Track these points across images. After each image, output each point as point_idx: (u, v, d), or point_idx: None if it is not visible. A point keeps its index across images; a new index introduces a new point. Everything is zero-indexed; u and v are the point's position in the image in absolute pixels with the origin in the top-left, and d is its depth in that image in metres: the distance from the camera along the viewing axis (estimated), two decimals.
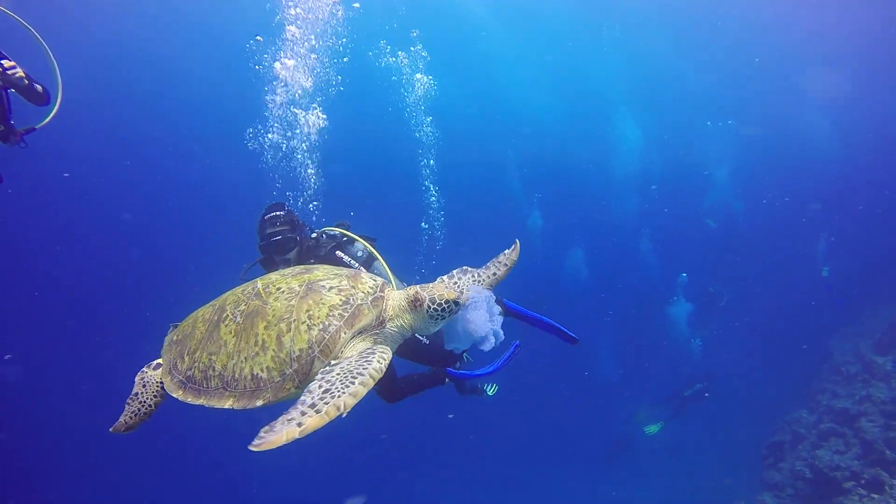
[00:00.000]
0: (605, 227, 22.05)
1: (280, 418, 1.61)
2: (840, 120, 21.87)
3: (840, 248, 18.28)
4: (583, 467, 15.33)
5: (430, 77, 12.35)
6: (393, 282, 3.35)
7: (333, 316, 1.99)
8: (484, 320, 2.22)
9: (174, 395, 2.12)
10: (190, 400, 2.05)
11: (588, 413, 17.17)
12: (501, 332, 2.27)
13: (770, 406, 12.57)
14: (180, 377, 2.13)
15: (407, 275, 3.80)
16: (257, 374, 1.96)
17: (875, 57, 20.60)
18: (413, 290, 2.18)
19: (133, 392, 2.34)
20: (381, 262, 3.47)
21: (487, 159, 22.23)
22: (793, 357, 13.79)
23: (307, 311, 1.99)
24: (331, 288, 2.08)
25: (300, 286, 2.09)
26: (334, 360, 1.95)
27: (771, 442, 9.47)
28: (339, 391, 1.71)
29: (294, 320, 1.97)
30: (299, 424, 1.57)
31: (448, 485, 15.67)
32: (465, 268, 2.50)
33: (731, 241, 20.31)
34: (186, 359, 2.13)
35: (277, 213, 3.52)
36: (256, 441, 1.50)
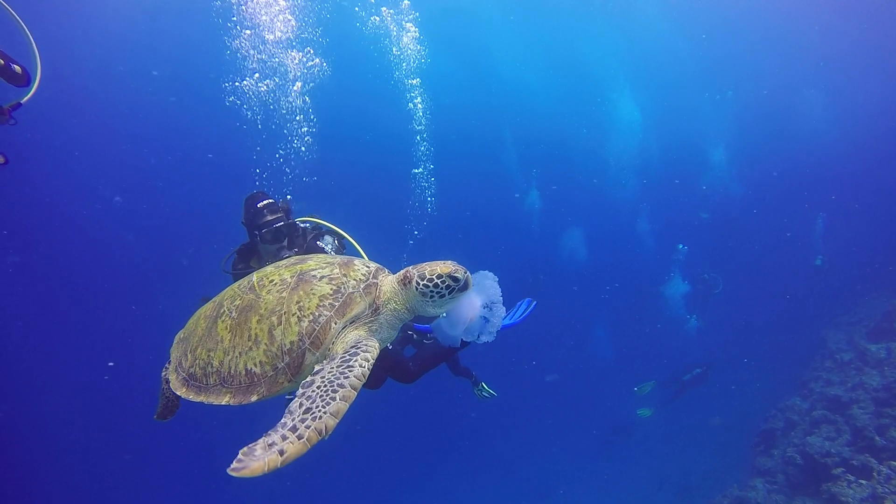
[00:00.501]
0: (603, 207, 22.02)
1: (261, 441, 1.54)
2: (838, 103, 21.66)
3: (835, 238, 18.30)
4: (580, 452, 15.49)
5: (421, 47, 12.24)
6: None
7: (324, 306, 1.94)
8: (477, 308, 2.07)
9: (178, 393, 2.13)
10: (192, 397, 2.07)
11: (586, 398, 17.30)
12: (495, 325, 2.09)
13: (764, 393, 12.66)
14: (184, 375, 2.15)
15: (395, 263, 3.78)
16: (251, 369, 1.94)
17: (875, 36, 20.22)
18: (406, 269, 2.10)
19: (161, 388, 2.50)
20: (360, 251, 3.44)
21: (482, 136, 22.13)
22: (788, 345, 13.84)
23: (297, 302, 1.95)
24: (322, 277, 2.04)
25: (292, 277, 2.06)
26: (326, 351, 1.92)
27: (764, 429, 9.52)
28: (320, 410, 1.63)
29: (285, 312, 1.95)
30: (281, 452, 1.49)
31: (444, 470, 15.82)
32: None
33: (727, 229, 20.29)
34: (189, 356, 2.16)
35: (271, 200, 3.42)
36: (235, 464, 1.44)
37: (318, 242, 3.51)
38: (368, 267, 2.15)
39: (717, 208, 20.66)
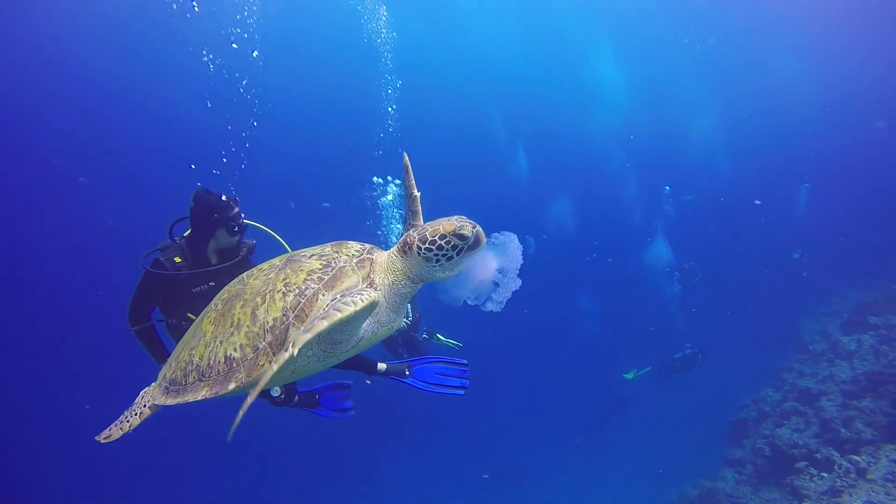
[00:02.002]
0: (590, 176, 21.92)
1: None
2: (824, 83, 21.43)
3: (818, 212, 18.43)
4: (560, 435, 15.69)
5: (386, 10, 12.04)
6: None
7: (311, 280, 1.78)
8: (491, 270, 1.83)
9: (157, 402, 2.03)
10: (170, 402, 1.96)
11: (570, 378, 17.50)
12: (506, 294, 1.86)
13: (741, 383, 12.82)
14: (166, 384, 2.04)
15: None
16: (230, 354, 1.80)
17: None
18: (405, 233, 1.91)
19: (133, 404, 2.30)
20: (286, 246, 3.41)
21: (464, 107, 21.79)
22: (765, 335, 13.99)
23: (284, 279, 1.81)
24: (311, 255, 1.90)
25: (280, 261, 1.95)
26: None
27: (735, 419, 9.66)
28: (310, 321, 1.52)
29: (269, 291, 1.81)
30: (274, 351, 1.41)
31: (420, 455, 15.94)
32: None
33: (711, 212, 20.22)
34: (173, 363, 2.05)
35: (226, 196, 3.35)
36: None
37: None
38: (362, 245, 2.00)
39: (702, 189, 20.55)
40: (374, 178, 9.75)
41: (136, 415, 2.23)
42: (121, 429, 2.22)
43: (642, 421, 14.94)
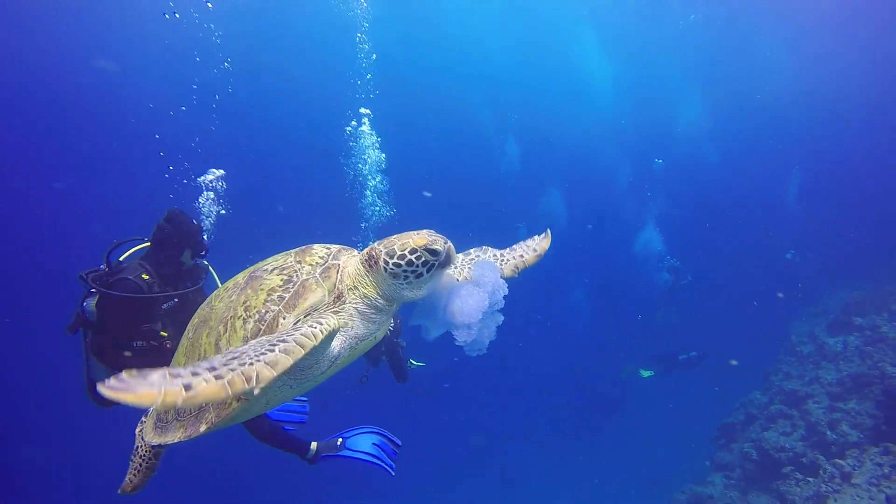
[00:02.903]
0: (579, 164, 21.86)
1: (160, 370, 1.16)
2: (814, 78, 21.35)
3: (809, 197, 18.45)
4: (554, 438, 15.63)
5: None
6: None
7: (271, 300, 1.65)
8: (478, 306, 1.61)
9: (147, 440, 1.92)
10: (156, 440, 1.85)
11: (566, 377, 17.44)
12: (490, 335, 1.67)
13: (733, 385, 12.79)
14: (154, 418, 1.95)
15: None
16: None
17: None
18: (371, 245, 1.74)
19: (134, 446, 2.24)
20: (216, 278, 3.41)
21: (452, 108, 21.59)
22: (756, 336, 13.98)
23: (244, 303, 1.70)
24: (272, 269, 1.76)
25: (244, 278, 1.83)
26: None
27: (724, 423, 9.62)
28: (251, 358, 1.31)
29: (231, 318, 1.70)
30: (187, 387, 1.12)
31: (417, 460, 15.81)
32: (485, 247, 2.07)
33: (703, 212, 20.17)
34: None
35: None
36: (113, 381, 1.07)
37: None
38: (329, 248, 1.83)
39: (693, 184, 20.51)
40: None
41: (142, 459, 2.21)
42: (133, 478, 2.21)
43: (634, 424, 14.92)
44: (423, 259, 1.59)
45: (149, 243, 3.26)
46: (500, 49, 21.50)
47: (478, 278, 1.68)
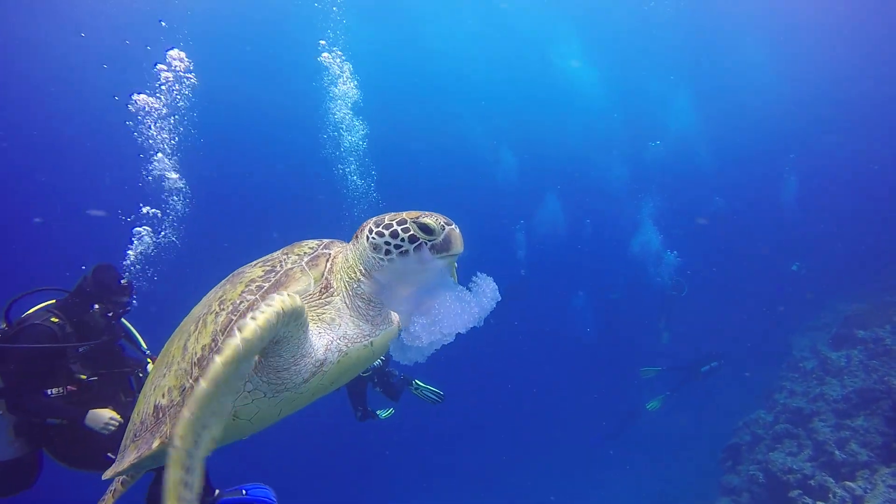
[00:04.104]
0: (576, 177, 21.74)
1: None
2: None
3: (807, 202, 18.29)
4: (563, 459, 15.22)
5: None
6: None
7: (249, 290, 1.41)
8: (470, 321, 1.47)
9: (104, 476, 1.76)
10: (111, 473, 1.65)
11: (573, 396, 17.06)
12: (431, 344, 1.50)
13: (740, 402, 12.43)
14: (118, 454, 1.73)
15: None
16: (158, 403, 1.46)
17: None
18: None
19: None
20: (139, 338, 3.35)
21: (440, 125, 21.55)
22: (758, 353, 13.70)
23: (220, 297, 1.46)
24: (256, 264, 1.57)
25: (228, 277, 1.63)
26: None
27: (729, 444, 9.29)
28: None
29: (204, 314, 1.46)
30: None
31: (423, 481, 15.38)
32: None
33: (708, 227, 19.98)
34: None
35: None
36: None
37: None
38: (321, 241, 1.64)
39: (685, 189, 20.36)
40: None
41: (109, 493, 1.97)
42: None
43: (641, 445, 14.49)
44: (411, 233, 1.38)
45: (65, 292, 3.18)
46: (482, 59, 21.52)
47: (480, 294, 1.50)
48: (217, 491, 2.76)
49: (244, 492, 2.77)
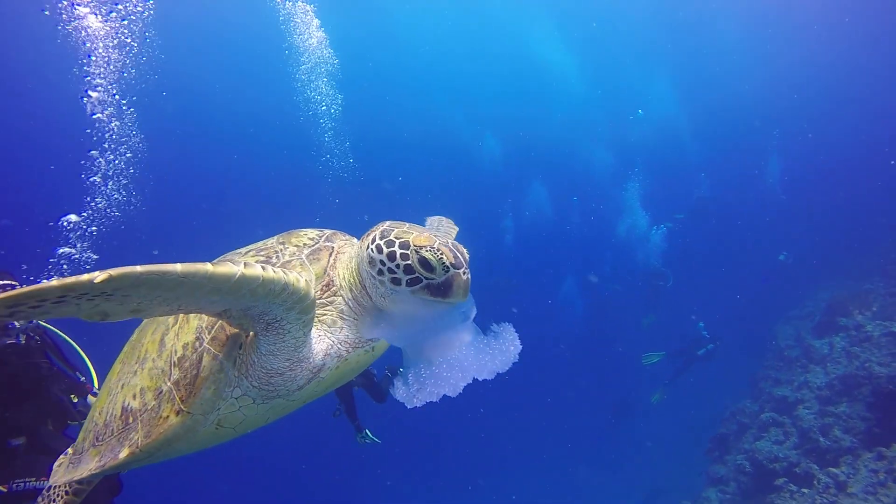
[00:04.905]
0: (555, 154, 21.78)
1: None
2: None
3: (791, 180, 18.45)
4: (554, 454, 15.26)
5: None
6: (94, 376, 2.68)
7: None
8: (479, 371, 1.32)
9: (54, 479, 1.57)
10: (66, 478, 1.50)
11: (566, 386, 17.10)
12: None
13: (727, 392, 12.54)
14: (72, 451, 1.58)
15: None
16: (128, 405, 1.31)
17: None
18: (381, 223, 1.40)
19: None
20: (88, 362, 2.97)
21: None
22: (744, 342, 13.82)
23: None
24: (248, 251, 1.42)
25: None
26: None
27: (716, 434, 9.37)
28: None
29: None
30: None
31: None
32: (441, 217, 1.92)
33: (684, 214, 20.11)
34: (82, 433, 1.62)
35: None
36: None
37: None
38: (322, 231, 1.49)
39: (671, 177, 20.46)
40: None
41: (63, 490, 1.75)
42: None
43: (631, 439, 14.60)
44: (408, 263, 1.20)
45: None
46: (461, 48, 21.47)
47: (497, 346, 1.33)
48: None
49: None
